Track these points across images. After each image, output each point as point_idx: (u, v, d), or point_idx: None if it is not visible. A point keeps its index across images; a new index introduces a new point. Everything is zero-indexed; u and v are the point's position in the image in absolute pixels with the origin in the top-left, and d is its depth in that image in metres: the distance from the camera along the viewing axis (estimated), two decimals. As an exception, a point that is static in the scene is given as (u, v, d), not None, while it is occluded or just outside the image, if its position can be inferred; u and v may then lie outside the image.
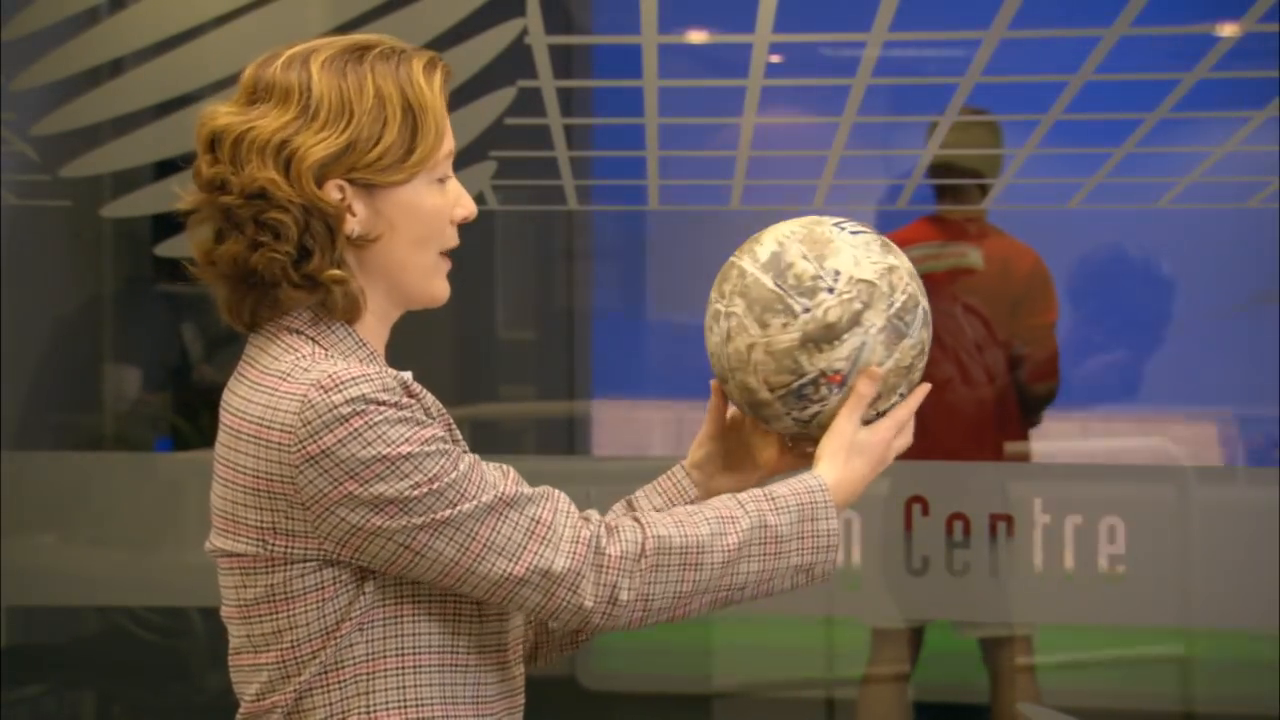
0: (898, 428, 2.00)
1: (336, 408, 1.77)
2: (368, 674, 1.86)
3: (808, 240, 1.97)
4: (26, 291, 4.40)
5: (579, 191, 4.42)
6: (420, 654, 1.87)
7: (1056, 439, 4.45)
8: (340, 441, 1.77)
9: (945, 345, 4.22)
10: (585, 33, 4.68)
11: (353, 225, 1.85)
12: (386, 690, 1.86)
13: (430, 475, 1.79)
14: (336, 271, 1.84)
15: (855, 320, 1.94)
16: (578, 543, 1.83)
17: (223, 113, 1.87)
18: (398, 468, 1.78)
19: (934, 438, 4.24)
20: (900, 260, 2.00)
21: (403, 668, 1.87)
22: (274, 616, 1.88)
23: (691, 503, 2.11)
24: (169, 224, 4.28)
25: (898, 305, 1.97)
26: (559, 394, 5.05)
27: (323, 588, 1.85)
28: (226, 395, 1.92)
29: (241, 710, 1.96)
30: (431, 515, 1.79)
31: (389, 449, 1.77)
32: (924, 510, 4.03)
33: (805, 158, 4.44)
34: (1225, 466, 4.55)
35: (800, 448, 2.09)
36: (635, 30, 3.82)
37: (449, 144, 1.91)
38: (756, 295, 1.95)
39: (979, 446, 4.24)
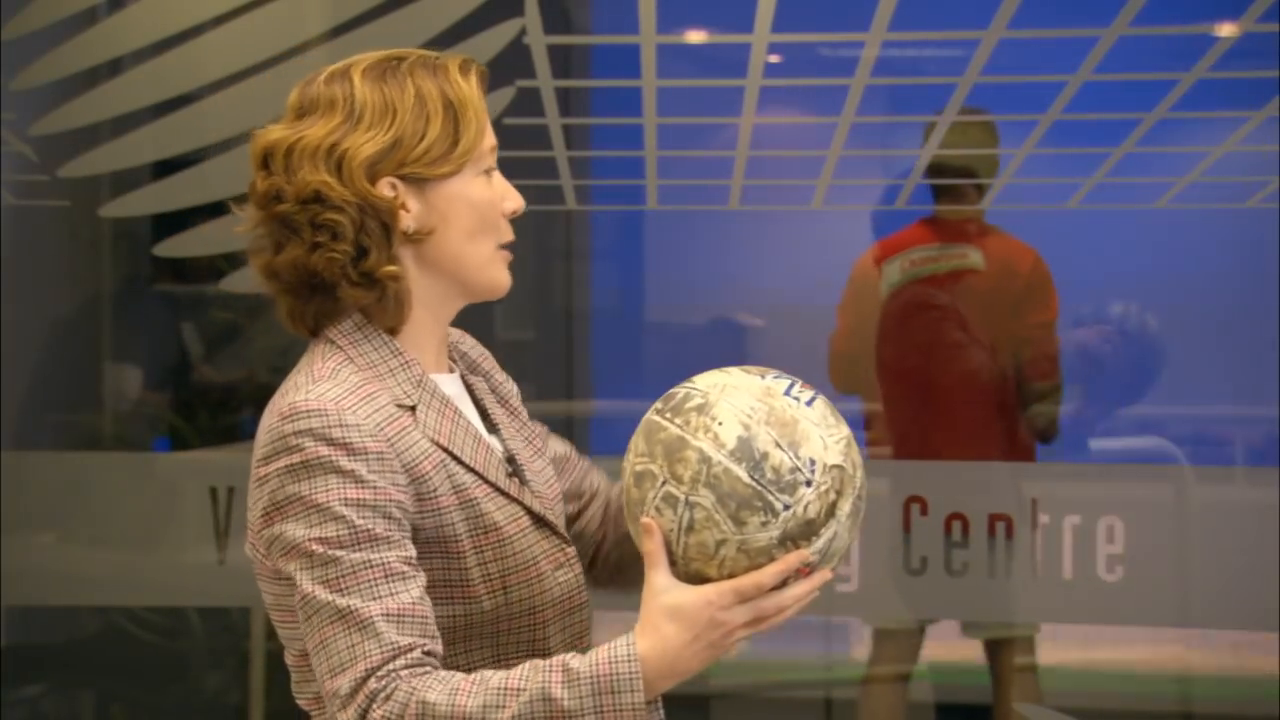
0: (734, 596, 1.79)
1: (285, 437, 1.82)
2: None
3: (775, 423, 1.81)
4: (26, 291, 4.40)
5: (578, 191, 4.41)
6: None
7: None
8: (278, 471, 1.82)
9: (950, 348, 4.22)
10: (584, 32, 4.68)
11: (407, 221, 1.90)
12: None
13: (323, 536, 1.79)
14: (392, 268, 1.90)
15: (830, 512, 1.82)
16: (358, 694, 1.76)
17: (273, 130, 1.95)
18: (307, 515, 1.80)
19: (936, 439, 4.24)
20: (844, 424, 1.89)
21: None
22: (282, 625, 1.94)
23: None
24: (168, 224, 4.29)
25: (859, 484, 1.86)
26: (557, 394, 5.05)
27: None
28: None
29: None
30: (302, 581, 1.80)
31: (309, 492, 1.80)
32: (923, 510, 4.03)
33: (804, 158, 4.44)
34: (1224, 467, 4.54)
35: None
36: (634, 30, 3.82)
37: (491, 138, 1.96)
38: (730, 489, 1.78)
39: (984, 449, 4.23)
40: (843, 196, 4.40)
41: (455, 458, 1.91)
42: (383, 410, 1.86)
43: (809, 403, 1.85)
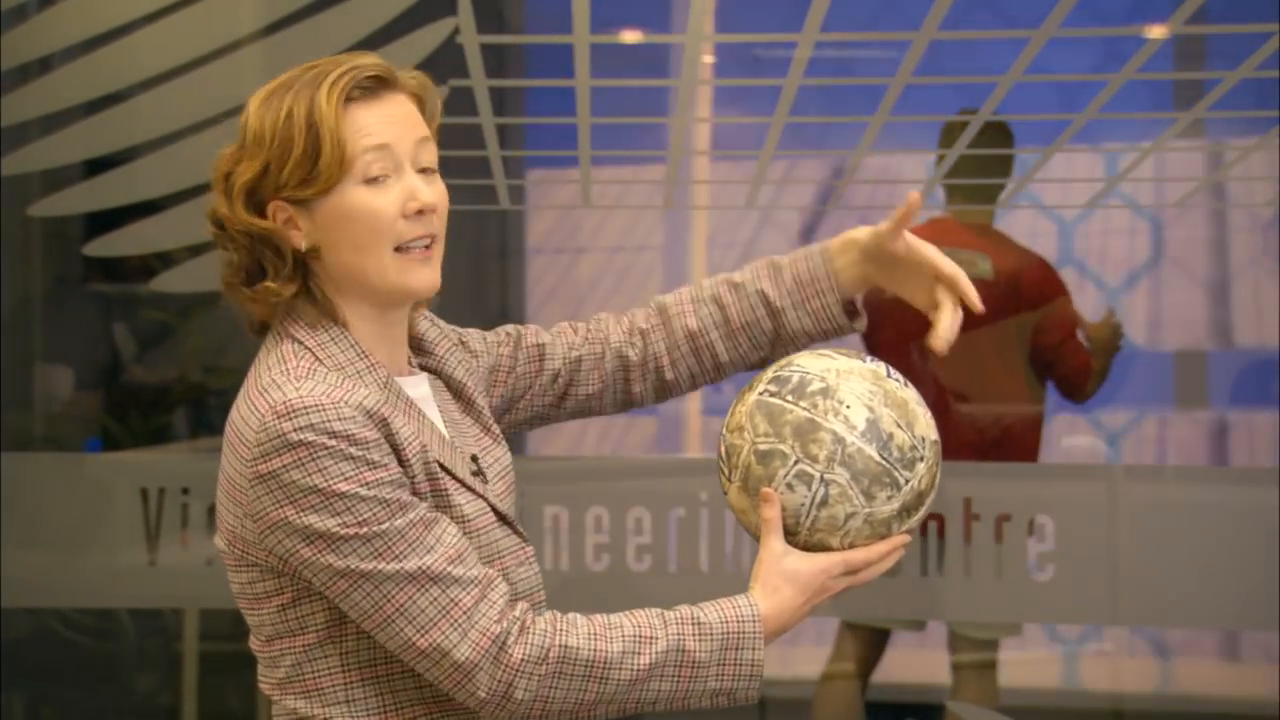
0: (844, 567, 1.99)
1: (285, 434, 1.86)
2: (344, 684, 1.96)
3: (892, 404, 1.99)
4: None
5: (511, 191, 4.41)
6: (395, 663, 1.95)
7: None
8: (285, 467, 1.87)
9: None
10: (518, 32, 4.67)
11: (299, 240, 1.96)
12: (366, 699, 1.96)
13: (361, 519, 1.87)
14: (271, 285, 1.96)
15: (933, 484, 2.03)
16: (484, 635, 1.87)
17: (223, 151, 2.02)
18: (331, 504, 1.86)
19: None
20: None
21: (377, 677, 1.96)
22: (250, 612, 2.00)
23: (833, 317, 2.19)
24: (99, 223, 4.26)
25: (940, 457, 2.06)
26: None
27: (281, 593, 1.95)
28: (236, 399, 2.01)
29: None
30: (353, 563, 1.87)
31: (327, 483, 1.86)
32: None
33: (736, 157, 4.46)
34: (1154, 465, 4.58)
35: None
36: (567, 30, 3.82)
37: (373, 142, 1.95)
38: (863, 468, 1.96)
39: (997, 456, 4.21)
40: (776, 196, 4.41)
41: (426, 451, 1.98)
42: (369, 399, 1.91)
43: (905, 384, 2.04)
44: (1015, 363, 4.25)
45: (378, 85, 1.97)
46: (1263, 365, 4.84)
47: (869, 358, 2.05)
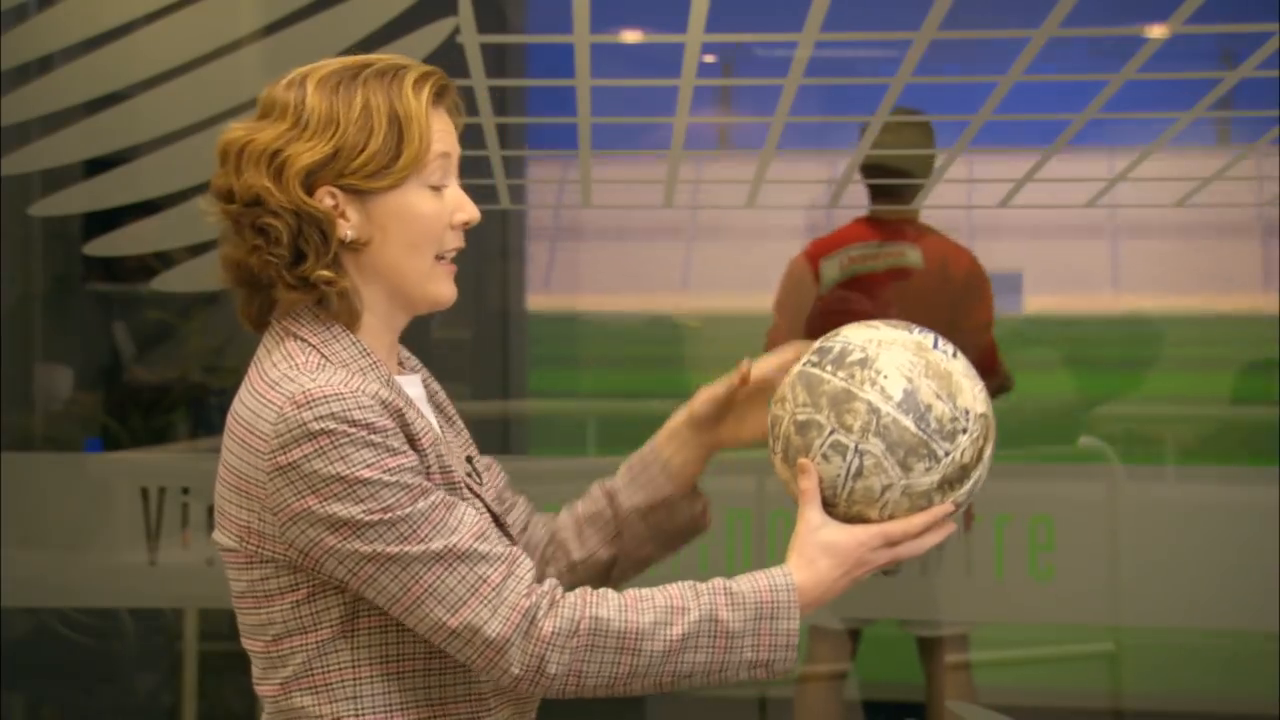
0: (882, 539, 1.97)
1: (306, 424, 1.86)
2: (354, 680, 1.95)
3: (933, 375, 1.97)
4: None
5: (512, 191, 4.41)
6: (406, 660, 1.95)
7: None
8: (306, 457, 1.86)
9: None
10: (519, 32, 4.67)
11: (345, 230, 1.95)
12: (374, 696, 1.95)
13: (385, 505, 1.87)
14: (325, 272, 1.94)
15: (979, 456, 2.00)
16: (515, 610, 1.87)
17: (234, 128, 1.99)
18: (354, 491, 1.86)
19: None
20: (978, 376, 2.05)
21: (387, 674, 1.95)
22: (256, 610, 1.98)
23: (667, 496, 2.19)
24: (99, 223, 4.26)
25: (995, 431, 2.03)
26: (493, 394, 5.04)
27: (296, 589, 1.94)
28: (235, 397, 1.99)
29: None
30: (380, 547, 1.87)
31: (349, 470, 1.86)
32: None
33: (737, 157, 4.46)
34: (1154, 465, 4.58)
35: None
36: (568, 29, 3.82)
37: (441, 149, 1.98)
38: (898, 438, 1.94)
39: None
40: (777, 196, 4.41)
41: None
42: (380, 391, 1.92)
43: (954, 355, 2.02)
44: None
45: (444, 94, 2.00)
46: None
47: (918, 329, 2.05)
